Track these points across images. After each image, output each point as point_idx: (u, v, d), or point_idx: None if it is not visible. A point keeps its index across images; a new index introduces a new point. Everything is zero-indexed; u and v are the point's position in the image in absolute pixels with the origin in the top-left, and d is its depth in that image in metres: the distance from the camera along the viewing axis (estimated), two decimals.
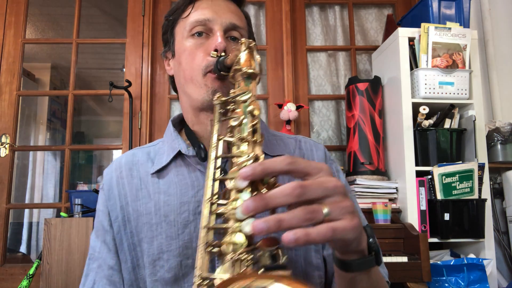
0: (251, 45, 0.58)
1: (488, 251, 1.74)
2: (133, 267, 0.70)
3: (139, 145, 2.18)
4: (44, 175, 3.37)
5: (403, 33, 1.90)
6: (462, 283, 1.62)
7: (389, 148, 2.01)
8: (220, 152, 0.53)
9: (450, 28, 1.84)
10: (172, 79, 0.81)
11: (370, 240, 0.50)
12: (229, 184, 0.46)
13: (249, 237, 0.43)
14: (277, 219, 0.40)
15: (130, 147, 2.11)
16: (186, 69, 0.72)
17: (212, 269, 0.47)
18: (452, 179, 1.73)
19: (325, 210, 0.41)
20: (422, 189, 1.78)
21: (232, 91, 0.55)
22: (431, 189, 1.77)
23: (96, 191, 1.80)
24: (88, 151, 4.37)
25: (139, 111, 2.22)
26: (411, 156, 1.81)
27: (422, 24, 1.85)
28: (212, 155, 0.52)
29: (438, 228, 1.73)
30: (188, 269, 0.66)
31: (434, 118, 1.85)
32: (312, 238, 0.39)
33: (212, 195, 0.49)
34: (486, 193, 1.78)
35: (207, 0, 0.74)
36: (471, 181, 1.74)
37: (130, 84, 2.11)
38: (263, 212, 0.42)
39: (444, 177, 1.73)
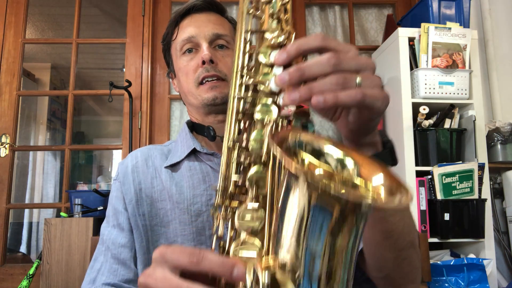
0: None
1: (488, 251, 1.74)
2: (148, 247, 0.74)
3: (139, 145, 2.18)
4: (44, 175, 3.37)
5: (403, 33, 1.90)
6: (462, 283, 1.62)
7: None
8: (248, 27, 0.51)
9: (450, 28, 1.84)
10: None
11: (385, 138, 0.52)
12: (260, 58, 0.46)
13: (280, 109, 0.44)
14: (307, 86, 0.41)
15: (130, 147, 2.11)
16: (184, 85, 0.81)
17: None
18: (452, 179, 1.73)
19: (358, 80, 0.42)
20: (422, 189, 1.78)
21: None
22: (431, 189, 1.77)
23: (96, 191, 1.80)
24: (88, 151, 4.37)
25: (139, 111, 2.22)
26: (411, 156, 1.81)
27: (422, 24, 1.85)
28: (243, 28, 0.50)
29: (438, 228, 1.73)
30: None
31: (434, 118, 1.85)
32: (341, 99, 0.40)
33: (242, 67, 0.48)
34: (486, 193, 1.78)
35: (189, 18, 0.81)
36: (471, 181, 1.74)
37: (130, 84, 2.11)
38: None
39: (444, 177, 1.73)
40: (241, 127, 0.47)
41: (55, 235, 1.63)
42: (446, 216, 1.71)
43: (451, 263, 1.63)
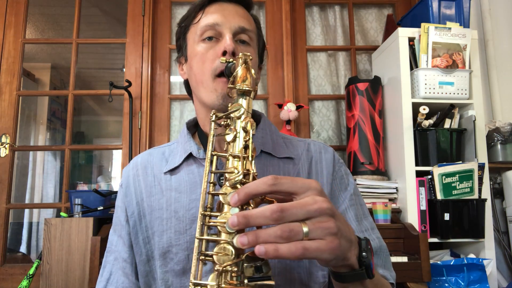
0: (248, 59, 0.60)
1: (488, 251, 1.74)
2: (148, 259, 0.74)
3: (139, 145, 2.19)
4: (44, 175, 3.37)
5: (403, 33, 1.90)
6: (462, 283, 1.62)
7: (389, 148, 2.01)
8: (214, 167, 0.55)
9: (450, 28, 1.84)
10: (186, 83, 0.84)
11: (363, 254, 0.51)
12: (221, 198, 0.49)
13: (239, 249, 0.46)
14: (254, 233, 0.42)
15: (130, 147, 2.11)
16: (197, 73, 0.75)
17: (206, 276, 0.50)
18: (452, 179, 1.73)
19: (305, 230, 0.42)
20: (422, 189, 1.78)
21: (229, 106, 0.58)
22: (431, 189, 1.77)
23: (96, 191, 1.80)
24: (88, 151, 4.37)
25: (139, 111, 2.22)
26: (411, 156, 1.81)
27: (422, 24, 1.85)
28: (207, 170, 0.54)
29: (438, 228, 1.73)
30: None
31: (434, 118, 1.85)
32: (280, 253, 0.41)
33: (206, 208, 0.51)
34: (486, 193, 1.78)
35: (216, 5, 0.76)
36: (471, 181, 1.74)
37: (130, 84, 2.11)
38: None
39: (444, 177, 1.73)
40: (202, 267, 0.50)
41: (55, 235, 1.62)
42: (446, 216, 1.71)
43: (451, 263, 1.63)
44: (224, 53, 0.71)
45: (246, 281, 0.46)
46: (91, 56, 3.80)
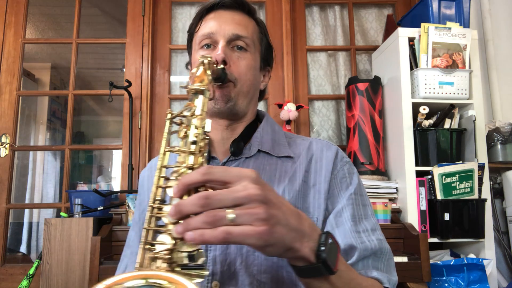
0: (205, 61, 0.64)
1: (488, 251, 1.74)
2: None
3: (139, 145, 2.19)
4: (44, 175, 3.37)
5: (403, 33, 1.90)
6: (462, 283, 1.62)
7: (389, 148, 2.01)
8: (165, 162, 0.58)
9: (450, 28, 1.84)
10: None
11: (321, 248, 0.50)
12: (167, 191, 0.52)
13: (179, 238, 0.47)
14: (185, 222, 0.45)
15: (130, 147, 2.11)
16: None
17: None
18: (452, 179, 1.74)
19: (230, 216, 0.44)
20: (422, 189, 1.78)
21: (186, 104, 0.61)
22: (431, 189, 1.77)
23: (96, 191, 1.80)
24: (88, 151, 4.37)
25: (139, 111, 2.22)
26: (411, 156, 1.81)
27: (422, 24, 1.85)
28: (159, 165, 0.56)
29: (438, 228, 1.73)
30: None
31: (434, 118, 1.85)
32: (205, 238, 0.43)
33: (154, 200, 0.53)
34: (486, 193, 1.78)
35: (214, 13, 0.80)
36: (471, 181, 1.74)
37: (130, 84, 2.11)
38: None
39: (444, 177, 1.73)
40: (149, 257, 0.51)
41: (55, 235, 1.62)
42: (446, 216, 1.71)
43: (451, 263, 1.63)
44: (216, 62, 0.74)
45: (179, 268, 0.47)
46: (91, 56, 3.80)
